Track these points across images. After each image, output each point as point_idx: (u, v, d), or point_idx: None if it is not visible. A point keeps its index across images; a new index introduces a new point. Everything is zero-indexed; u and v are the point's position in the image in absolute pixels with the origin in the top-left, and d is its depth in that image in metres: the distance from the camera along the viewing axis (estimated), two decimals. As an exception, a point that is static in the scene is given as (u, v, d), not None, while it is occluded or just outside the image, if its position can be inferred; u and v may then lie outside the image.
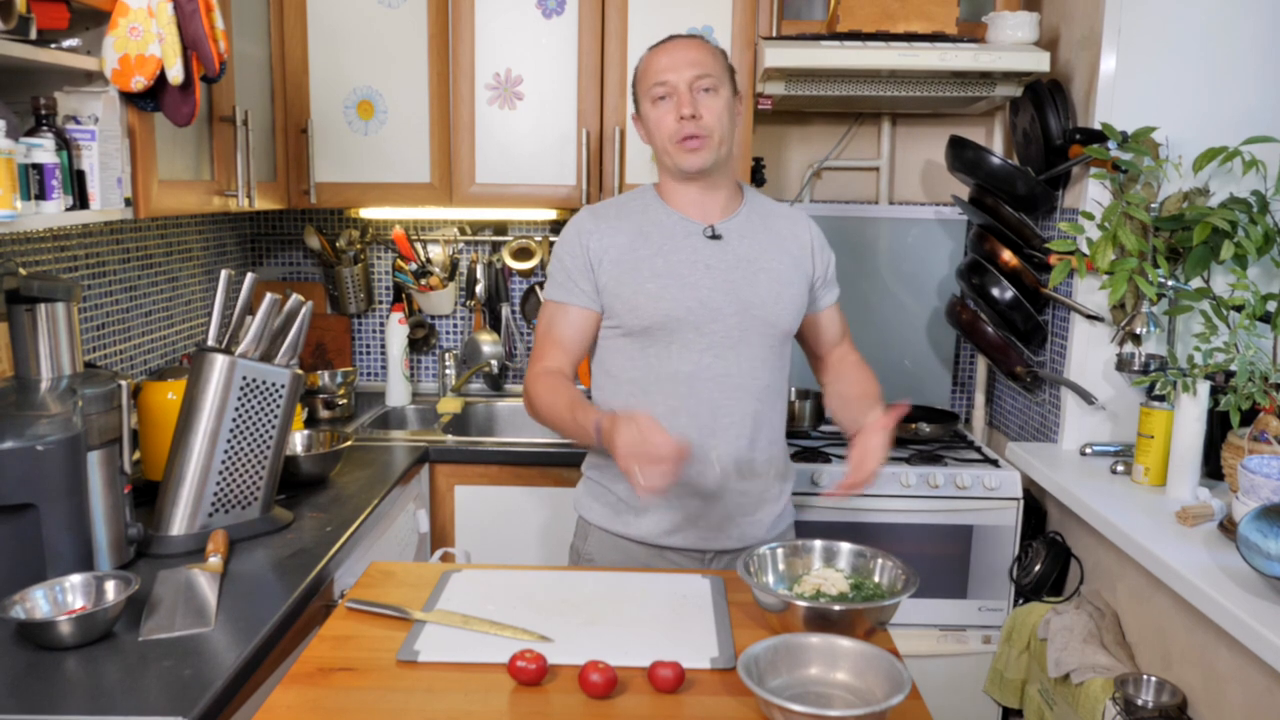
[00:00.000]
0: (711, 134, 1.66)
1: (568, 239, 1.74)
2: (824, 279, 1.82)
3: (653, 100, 1.68)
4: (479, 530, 2.45)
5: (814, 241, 1.81)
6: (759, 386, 1.72)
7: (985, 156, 2.42)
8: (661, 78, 1.67)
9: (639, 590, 1.52)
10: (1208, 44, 2.14)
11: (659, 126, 1.69)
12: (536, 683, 1.23)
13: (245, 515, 1.75)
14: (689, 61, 1.67)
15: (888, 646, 1.34)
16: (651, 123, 1.70)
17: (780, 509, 1.79)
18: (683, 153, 1.67)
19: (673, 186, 1.74)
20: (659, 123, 1.68)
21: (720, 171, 1.72)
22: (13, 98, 1.62)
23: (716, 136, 1.67)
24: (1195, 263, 2.05)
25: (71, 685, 1.23)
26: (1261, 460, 1.71)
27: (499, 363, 2.94)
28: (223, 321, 1.78)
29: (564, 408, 1.62)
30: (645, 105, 1.71)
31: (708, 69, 1.67)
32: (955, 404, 2.94)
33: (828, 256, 1.83)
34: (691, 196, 1.73)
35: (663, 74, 1.67)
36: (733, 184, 1.77)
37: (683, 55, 1.67)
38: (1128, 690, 1.74)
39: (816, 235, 1.82)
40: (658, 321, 1.67)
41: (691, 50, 1.68)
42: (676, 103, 1.66)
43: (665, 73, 1.67)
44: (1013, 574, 2.34)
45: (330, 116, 2.58)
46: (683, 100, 1.66)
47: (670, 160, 1.70)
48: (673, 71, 1.66)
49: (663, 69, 1.67)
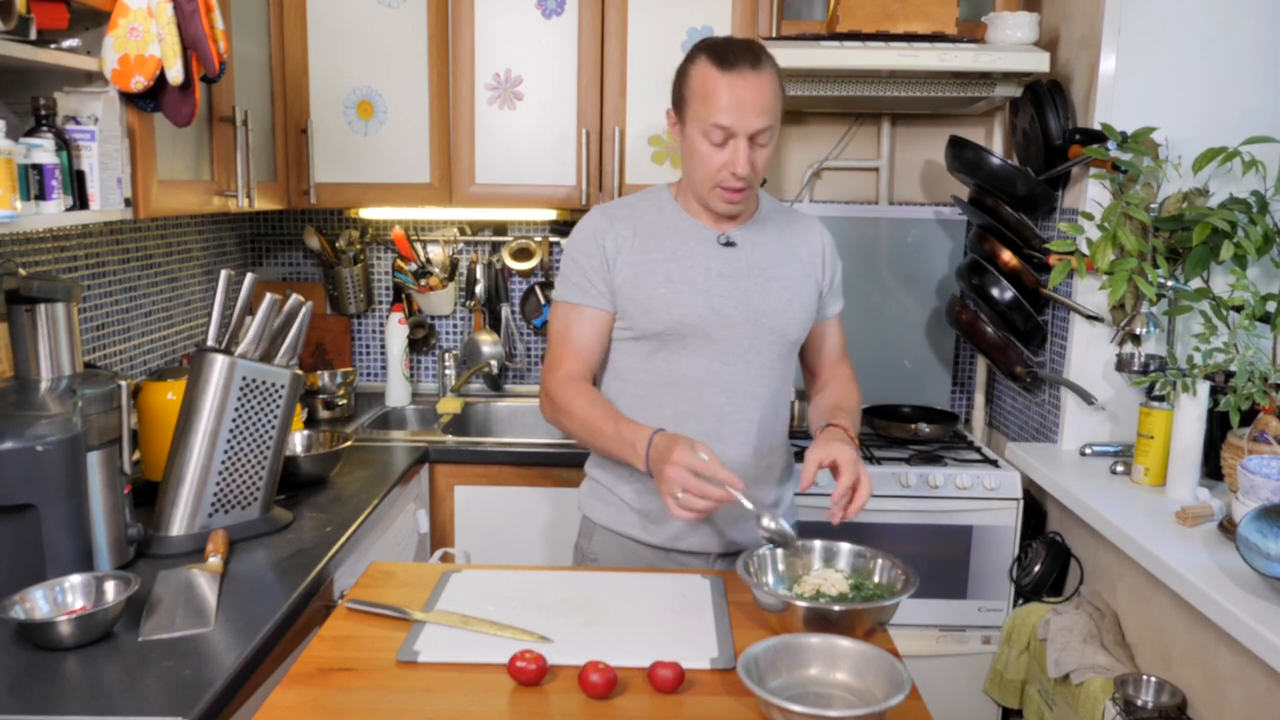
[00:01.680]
0: (754, 184, 1.64)
1: (582, 238, 1.70)
2: (831, 287, 1.81)
3: (705, 132, 1.59)
4: (479, 530, 2.46)
5: (826, 249, 1.79)
6: (766, 394, 1.72)
7: (985, 157, 2.42)
8: (725, 120, 1.56)
9: (639, 590, 1.52)
10: (1208, 44, 2.14)
11: (704, 162, 1.61)
12: (536, 683, 1.23)
13: (245, 515, 1.75)
14: (758, 110, 1.56)
15: (888, 646, 1.34)
16: (698, 154, 1.61)
17: (781, 512, 1.79)
18: (720, 200, 1.64)
19: (690, 194, 1.72)
20: (705, 158, 1.61)
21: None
22: (13, 98, 1.62)
23: (755, 182, 1.65)
24: (1195, 263, 2.05)
25: (71, 685, 1.23)
26: (1261, 460, 1.71)
27: (499, 363, 2.94)
28: (223, 322, 1.78)
29: (605, 419, 1.59)
30: (694, 127, 1.61)
31: (772, 119, 1.59)
32: (955, 404, 2.94)
33: (837, 265, 1.82)
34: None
35: (726, 116, 1.56)
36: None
37: (754, 100, 1.56)
38: (1127, 690, 1.75)
39: (828, 243, 1.81)
40: (670, 327, 1.66)
41: (763, 95, 1.57)
42: (731, 153, 1.58)
43: (729, 115, 1.56)
44: (1012, 574, 2.34)
45: (330, 116, 2.58)
46: (739, 158, 1.58)
47: (702, 195, 1.66)
48: (738, 118, 1.56)
49: (727, 109, 1.56)
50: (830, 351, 1.85)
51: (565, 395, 1.64)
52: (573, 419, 1.63)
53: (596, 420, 1.60)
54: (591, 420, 1.61)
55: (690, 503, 1.41)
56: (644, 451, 1.51)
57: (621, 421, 1.58)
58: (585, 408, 1.62)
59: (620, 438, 1.56)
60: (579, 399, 1.63)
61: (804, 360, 1.87)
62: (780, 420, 1.78)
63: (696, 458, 1.41)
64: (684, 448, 1.43)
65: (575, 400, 1.63)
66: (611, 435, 1.58)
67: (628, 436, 1.54)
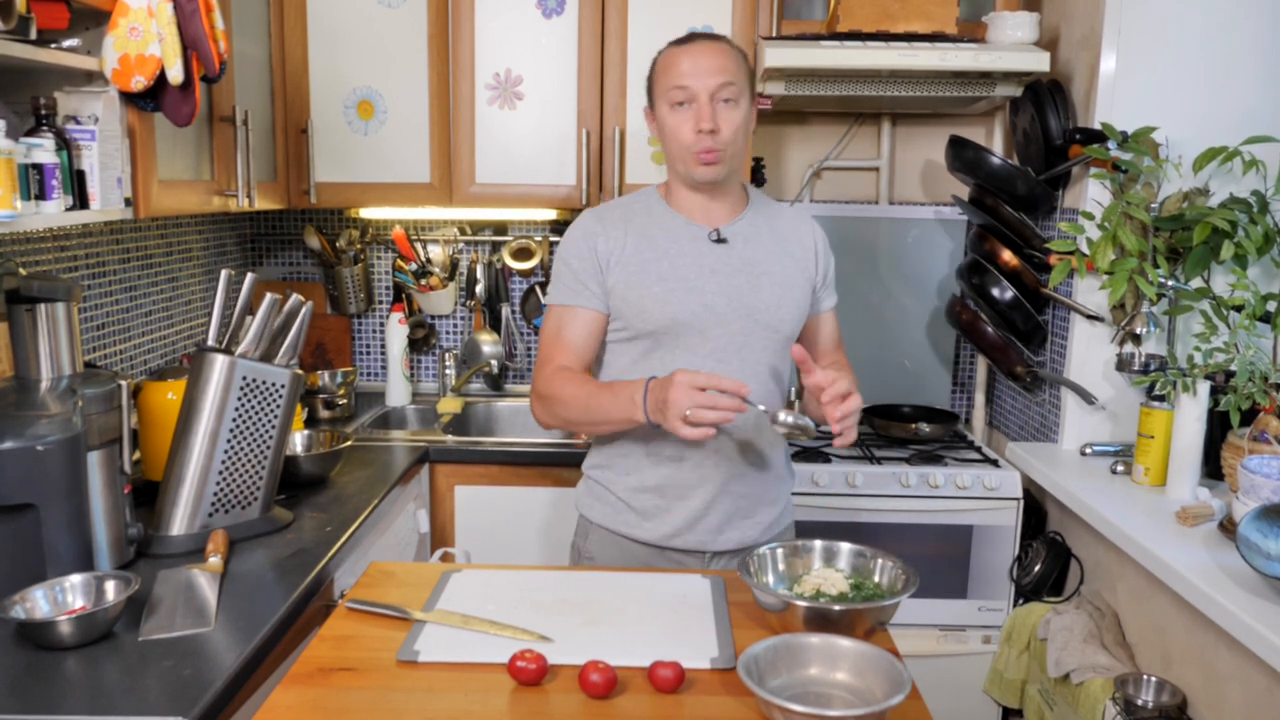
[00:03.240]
0: (728, 148, 1.65)
1: (573, 241, 1.72)
2: (824, 282, 1.83)
3: (671, 104, 1.64)
4: (479, 530, 2.45)
5: (818, 244, 1.81)
6: (761, 390, 1.72)
7: (985, 156, 2.42)
8: (683, 81, 1.62)
9: (639, 590, 1.52)
10: (1208, 44, 2.14)
11: (675, 133, 1.65)
12: (536, 683, 1.23)
13: (245, 515, 1.75)
14: (713, 68, 1.61)
15: (888, 646, 1.33)
16: (668, 128, 1.66)
17: (779, 510, 1.79)
18: (698, 165, 1.65)
19: (679, 190, 1.73)
20: (676, 130, 1.65)
21: (729, 178, 1.72)
22: (13, 98, 1.62)
23: (732, 150, 1.66)
24: (1195, 263, 2.05)
25: (71, 685, 1.23)
26: (1261, 460, 1.71)
27: (499, 363, 2.94)
28: (223, 321, 1.78)
29: (599, 390, 1.62)
30: (662, 106, 1.66)
31: (731, 77, 1.62)
32: (955, 404, 2.94)
33: (829, 260, 1.83)
34: (698, 201, 1.72)
35: (684, 78, 1.62)
36: (738, 187, 1.77)
37: (707, 60, 1.62)
38: (1128, 690, 1.75)
39: (820, 238, 1.82)
40: (664, 325, 1.67)
41: (717, 56, 1.63)
42: (696, 113, 1.61)
43: (687, 77, 1.61)
44: (1013, 574, 2.34)
45: (330, 116, 2.58)
46: (703, 113, 1.61)
47: (683, 169, 1.68)
48: (695, 77, 1.61)
49: (685, 73, 1.62)
50: (826, 343, 1.87)
51: (555, 385, 1.66)
52: (566, 403, 1.65)
53: (591, 395, 1.62)
54: (586, 395, 1.63)
55: (700, 415, 1.42)
56: (642, 398, 1.53)
57: (616, 384, 1.61)
58: (577, 386, 1.64)
59: (616, 397, 1.58)
60: (569, 384, 1.65)
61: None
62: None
63: (698, 373, 1.45)
64: (682, 370, 1.46)
65: (566, 385, 1.65)
66: (608, 400, 1.60)
67: (624, 392, 1.57)
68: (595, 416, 1.64)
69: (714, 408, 1.42)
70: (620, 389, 1.58)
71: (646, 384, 1.54)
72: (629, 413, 1.56)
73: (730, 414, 1.43)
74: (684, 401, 1.43)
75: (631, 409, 1.55)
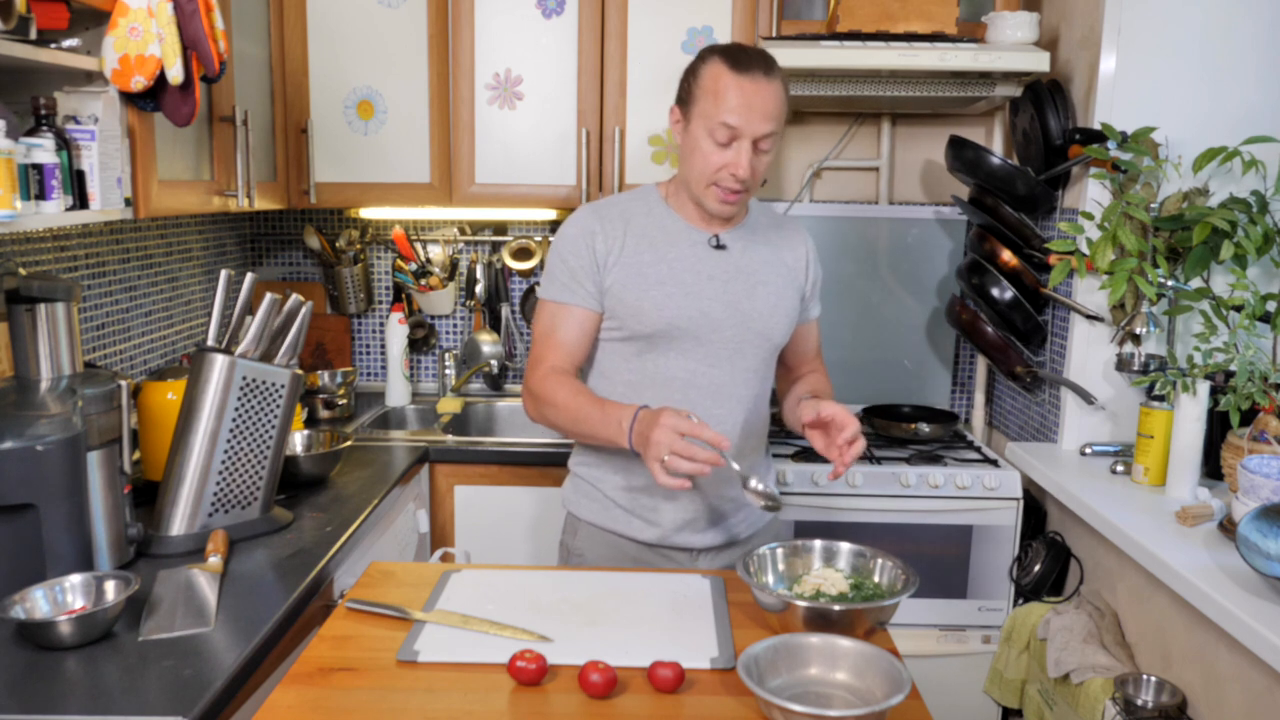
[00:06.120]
0: (751, 189, 1.65)
1: (571, 237, 1.70)
2: (813, 292, 1.85)
3: (711, 130, 1.60)
4: (479, 530, 2.45)
5: (809, 255, 1.83)
6: (750, 396, 1.74)
7: (985, 156, 2.42)
8: (731, 120, 1.57)
9: (639, 590, 1.52)
10: (1208, 44, 2.14)
11: (705, 160, 1.62)
12: (536, 683, 1.23)
13: (245, 515, 1.75)
14: (766, 114, 1.58)
15: (888, 646, 1.34)
16: (699, 150, 1.62)
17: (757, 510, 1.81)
18: (716, 201, 1.65)
19: (683, 194, 1.72)
20: (707, 156, 1.61)
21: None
22: (13, 98, 1.62)
23: (753, 188, 1.66)
24: (1195, 263, 2.05)
25: (71, 685, 1.23)
26: (1261, 460, 1.71)
27: (499, 363, 2.94)
28: (223, 321, 1.78)
29: (590, 404, 1.61)
30: (699, 124, 1.61)
31: (777, 125, 1.60)
32: (955, 404, 2.94)
33: (818, 271, 1.86)
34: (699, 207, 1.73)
35: (734, 115, 1.57)
36: None
37: (761, 104, 1.57)
38: (1127, 690, 1.75)
39: (812, 249, 1.84)
40: (660, 329, 1.67)
41: (771, 101, 1.59)
42: (734, 155, 1.59)
43: (737, 115, 1.57)
44: (1013, 574, 2.34)
45: (330, 116, 2.58)
46: (741, 161, 1.59)
47: (698, 192, 1.66)
48: (746, 121, 1.57)
49: (735, 109, 1.57)
50: (808, 351, 1.90)
51: (548, 388, 1.65)
52: (557, 409, 1.64)
53: (582, 406, 1.62)
54: (576, 407, 1.62)
55: (677, 465, 1.40)
56: (629, 425, 1.52)
57: (607, 404, 1.60)
58: (569, 396, 1.63)
59: (605, 418, 1.57)
60: (562, 389, 1.64)
61: (781, 358, 1.89)
62: (761, 422, 1.81)
63: (683, 419, 1.42)
64: (671, 412, 1.44)
65: (558, 391, 1.64)
66: (597, 418, 1.59)
67: (613, 415, 1.56)
68: (582, 429, 1.64)
69: (692, 459, 1.40)
70: (610, 410, 1.57)
71: (636, 413, 1.52)
72: (614, 436, 1.55)
73: (706, 468, 1.41)
74: (665, 443, 1.41)
75: (618, 434, 1.54)
